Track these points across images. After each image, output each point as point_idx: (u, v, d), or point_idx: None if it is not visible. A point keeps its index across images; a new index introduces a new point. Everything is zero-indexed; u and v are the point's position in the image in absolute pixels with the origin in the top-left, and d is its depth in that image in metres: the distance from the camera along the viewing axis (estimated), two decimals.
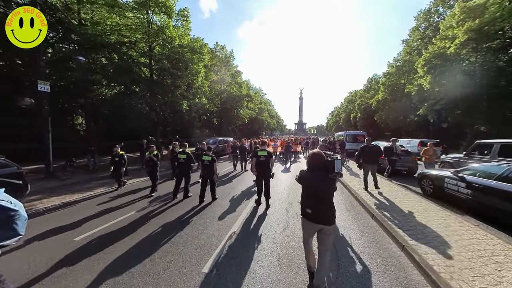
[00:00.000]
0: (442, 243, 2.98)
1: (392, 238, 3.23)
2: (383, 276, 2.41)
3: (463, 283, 2.20)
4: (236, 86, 28.70)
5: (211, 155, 4.81)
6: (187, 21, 13.15)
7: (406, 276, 2.43)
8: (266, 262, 2.64)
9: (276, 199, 5.17)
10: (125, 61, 11.54)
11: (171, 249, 2.92)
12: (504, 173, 3.88)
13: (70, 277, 2.35)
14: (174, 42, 11.88)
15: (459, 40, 13.97)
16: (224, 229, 3.53)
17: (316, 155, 2.11)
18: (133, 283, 2.26)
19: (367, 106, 35.99)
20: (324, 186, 2.03)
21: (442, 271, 2.38)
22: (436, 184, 5.43)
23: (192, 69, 12.74)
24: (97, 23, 11.56)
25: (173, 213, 4.28)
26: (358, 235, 3.40)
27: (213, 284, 2.26)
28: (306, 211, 2.08)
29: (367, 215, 4.26)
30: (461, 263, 2.53)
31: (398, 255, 2.83)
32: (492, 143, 6.77)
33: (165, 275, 2.38)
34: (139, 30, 11.68)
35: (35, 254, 2.81)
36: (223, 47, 27.01)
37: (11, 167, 4.56)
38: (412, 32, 26.64)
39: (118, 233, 3.42)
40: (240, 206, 4.68)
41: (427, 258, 2.65)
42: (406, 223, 3.63)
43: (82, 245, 3.07)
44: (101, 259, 2.68)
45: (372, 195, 5.33)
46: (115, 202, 5.05)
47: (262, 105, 49.08)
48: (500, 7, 12.15)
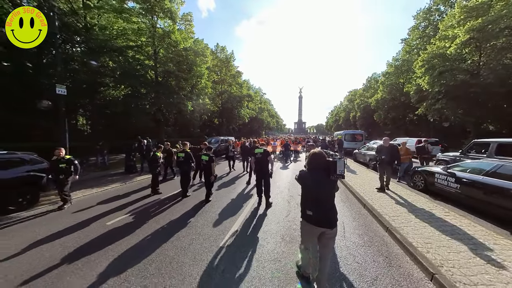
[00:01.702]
0: (424, 227, 3.47)
1: (379, 222, 3.75)
2: (368, 249, 2.93)
3: (438, 255, 2.65)
4: (237, 86, 29.20)
5: (209, 155, 4.78)
6: (191, 25, 13.67)
7: (387, 249, 2.95)
8: (272, 239, 3.17)
9: (278, 192, 5.69)
10: (131, 64, 12.06)
11: (191, 231, 3.45)
12: (492, 169, 4.25)
13: (119, 246, 2.88)
14: (179, 46, 12.39)
15: (460, 39, 13.88)
16: (234, 216, 4.05)
17: (317, 155, 2.01)
18: (166, 253, 2.79)
19: (366, 105, 36.41)
20: (325, 187, 1.93)
21: (420, 246, 2.88)
22: (427, 179, 5.92)
23: (196, 72, 13.24)
24: (104, 28, 12.09)
25: (189, 203, 4.80)
26: (350, 220, 3.93)
27: (230, 253, 2.79)
28: (306, 213, 1.99)
29: (359, 205, 4.79)
30: (439, 242, 2.98)
31: (382, 235, 3.36)
32: (489, 142, 6.91)
33: (191, 248, 2.92)
34: (144, 34, 12.19)
35: (77, 235, 3.34)
36: (224, 48, 27.47)
37: (42, 163, 5.08)
38: (411, 31, 26.64)
39: (142, 219, 3.95)
40: (249, 200, 5.15)
41: (408, 236, 3.16)
42: (393, 211, 4.14)
43: (114, 227, 3.60)
44: (134, 238, 3.21)
45: (366, 190, 5.85)
46: (132, 197, 5.57)
47: (262, 105, 49.53)
48: (507, 4, 11.85)
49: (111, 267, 2.51)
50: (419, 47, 24.82)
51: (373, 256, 2.77)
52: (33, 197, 4.82)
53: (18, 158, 4.75)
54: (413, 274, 2.43)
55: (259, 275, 2.37)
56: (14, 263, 2.61)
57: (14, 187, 4.47)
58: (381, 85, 29.87)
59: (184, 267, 2.51)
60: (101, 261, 2.63)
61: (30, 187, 4.76)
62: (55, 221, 3.92)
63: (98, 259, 2.67)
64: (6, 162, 4.50)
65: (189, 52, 13.07)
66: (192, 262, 2.61)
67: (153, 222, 3.83)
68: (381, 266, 2.57)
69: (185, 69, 13.08)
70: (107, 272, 2.42)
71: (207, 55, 14.16)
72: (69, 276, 2.36)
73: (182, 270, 2.45)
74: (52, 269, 2.49)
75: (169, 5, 11.57)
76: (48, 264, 2.58)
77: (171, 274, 2.39)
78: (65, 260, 2.67)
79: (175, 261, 2.63)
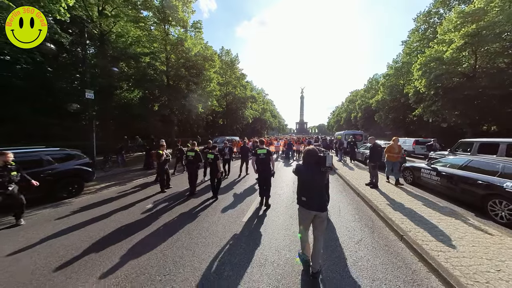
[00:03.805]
0: (402, 207, 4.35)
1: (368, 205, 4.61)
2: (357, 223, 3.80)
3: (409, 225, 3.50)
4: (241, 88, 30.11)
5: (214, 153, 4.97)
6: (200, 32, 14.59)
7: (372, 223, 3.80)
8: (283, 217, 4.04)
9: (285, 185, 6.57)
10: (146, 69, 13.02)
11: (216, 212, 4.34)
12: (464, 164, 5.09)
13: (162, 219, 3.78)
14: (191, 53, 13.32)
15: (455, 45, 14.49)
16: (249, 202, 4.93)
17: (311, 151, 2.36)
18: (202, 225, 3.68)
19: (367, 106, 37.06)
20: (317, 177, 2.28)
21: (397, 221, 3.72)
22: (414, 174, 6.76)
23: (205, 76, 14.18)
24: (121, 35, 13.08)
25: (203, 195, 5.70)
26: (345, 204, 4.81)
27: (252, 225, 3.67)
28: (301, 199, 2.33)
29: (354, 194, 5.65)
30: (412, 218, 3.83)
31: (370, 214, 4.22)
32: (473, 142, 7.80)
33: (220, 222, 3.81)
34: (157, 41, 13.15)
35: (118, 217, 4.24)
36: (229, 52, 28.46)
37: (85, 159, 6.02)
38: (411, 34, 27.18)
39: (168, 206, 4.85)
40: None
41: (389, 213, 4.02)
42: (381, 199, 4.99)
43: (152, 209, 4.50)
44: (171, 216, 4.11)
45: (360, 183, 6.68)
46: (157, 188, 6.46)
47: (265, 105, 50.44)
48: (502, 10, 12.38)
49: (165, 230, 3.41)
50: (419, 50, 25.37)
51: (361, 227, 3.63)
52: (79, 187, 5.75)
53: (68, 154, 5.69)
54: (388, 237, 3.29)
55: (276, 237, 3.25)
56: (84, 231, 3.53)
57: (68, 177, 5.41)
58: (382, 86, 30.50)
59: (218, 233, 3.40)
60: (156, 228, 3.54)
61: (77, 178, 5.69)
62: (106, 204, 4.85)
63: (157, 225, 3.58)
64: (61, 157, 5.44)
65: (198, 57, 14.02)
66: (223, 230, 3.50)
67: (181, 208, 4.72)
68: (366, 233, 3.43)
69: (195, 73, 14.02)
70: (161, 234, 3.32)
71: (215, 60, 15.08)
72: (147, 235, 3.26)
73: (218, 235, 3.35)
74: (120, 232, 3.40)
75: (181, 15, 12.51)
76: (116, 226, 3.50)
77: (211, 237, 3.28)
78: (142, 223, 3.57)
79: (211, 229, 3.52)
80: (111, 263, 2.59)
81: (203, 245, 3.00)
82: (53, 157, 5.23)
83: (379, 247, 2.98)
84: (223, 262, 2.59)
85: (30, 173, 4.43)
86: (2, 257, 2.74)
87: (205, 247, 2.94)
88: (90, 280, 2.29)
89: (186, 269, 2.46)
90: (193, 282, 2.26)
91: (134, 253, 2.78)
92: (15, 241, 3.15)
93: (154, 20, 12.77)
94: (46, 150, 5.24)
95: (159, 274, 2.38)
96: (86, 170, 5.89)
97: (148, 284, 2.22)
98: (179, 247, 2.94)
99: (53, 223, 3.81)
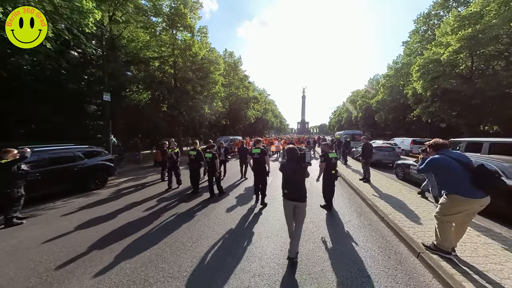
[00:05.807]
0: (389, 197, 5.01)
1: (359, 196, 5.29)
2: (348, 209, 4.48)
3: (390, 210, 4.16)
4: (244, 89, 30.81)
5: (212, 152, 5.00)
6: (206, 36, 15.33)
7: (361, 209, 4.48)
8: (278, 216, 4.69)
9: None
10: (154, 72, 13.78)
11: (213, 210, 5.03)
12: None
13: (168, 213, 4.49)
14: (198, 57, 14.07)
15: (452, 48, 14.92)
16: (245, 200, 5.57)
17: (292, 149, 2.67)
18: (216, 215, 4.38)
19: (368, 106, 37.49)
20: (297, 172, 2.58)
21: (382, 207, 4.38)
22: (405, 170, 7.41)
23: (211, 79, 14.92)
24: (132, 40, 13.85)
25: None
26: (339, 194, 5.49)
27: (257, 210, 4.38)
28: (284, 192, 2.63)
29: (348, 187, 6.32)
30: (395, 206, 4.48)
31: (360, 203, 4.90)
32: (461, 141, 8.37)
33: (216, 220, 4.50)
34: (165, 46, 13.90)
35: (132, 212, 4.96)
36: (232, 53, 29.20)
37: (108, 155, 6.77)
38: (411, 35, 27.53)
39: (180, 201, 5.56)
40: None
41: (375, 201, 4.68)
42: (370, 190, 5.65)
43: (163, 202, 5.22)
44: (170, 214, 4.81)
45: (355, 178, 7.34)
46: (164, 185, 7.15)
47: (267, 106, 51.07)
48: (497, 14, 12.72)
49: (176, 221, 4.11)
50: (419, 51, 25.76)
51: (350, 212, 4.32)
52: (104, 180, 6.50)
53: (95, 151, 6.44)
54: (372, 219, 3.98)
55: (273, 223, 3.95)
56: (119, 216, 4.25)
57: (95, 171, 6.16)
58: (382, 87, 30.92)
59: (227, 221, 4.10)
60: (167, 217, 4.25)
61: (103, 172, 6.43)
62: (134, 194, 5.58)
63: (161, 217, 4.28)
64: (89, 153, 6.19)
65: (204, 61, 14.75)
66: (219, 227, 4.19)
67: (182, 206, 5.44)
68: (354, 216, 4.11)
69: (201, 76, 14.77)
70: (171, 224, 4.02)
71: (220, 63, 15.79)
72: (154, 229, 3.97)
73: (228, 220, 4.05)
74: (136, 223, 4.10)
75: (189, 21, 13.25)
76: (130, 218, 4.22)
77: (222, 225, 3.98)
78: (148, 219, 4.28)
79: (222, 219, 4.22)
80: (147, 238, 3.29)
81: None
82: (83, 153, 5.98)
83: (363, 226, 3.66)
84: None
85: (65, 167, 5.26)
86: (58, 235, 3.47)
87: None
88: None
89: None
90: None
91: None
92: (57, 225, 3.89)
93: (163, 26, 13.52)
94: (78, 147, 6.00)
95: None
96: (110, 165, 6.64)
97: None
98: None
99: (88, 210, 4.47)
